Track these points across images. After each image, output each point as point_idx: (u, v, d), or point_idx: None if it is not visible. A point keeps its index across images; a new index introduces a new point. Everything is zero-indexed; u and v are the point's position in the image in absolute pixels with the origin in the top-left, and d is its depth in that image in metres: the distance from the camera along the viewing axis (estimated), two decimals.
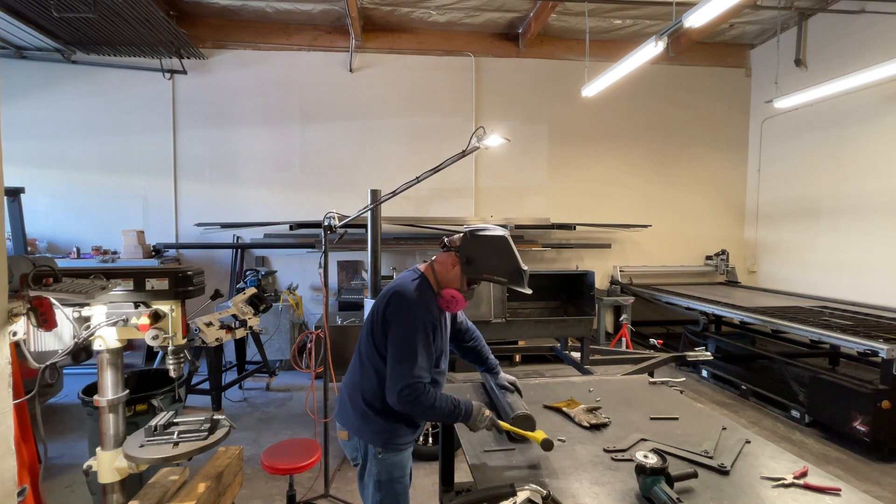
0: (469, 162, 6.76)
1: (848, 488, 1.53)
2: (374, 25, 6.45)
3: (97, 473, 1.96)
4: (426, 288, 1.88)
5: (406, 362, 1.73)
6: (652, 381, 2.58)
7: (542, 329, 4.55)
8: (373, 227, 4.29)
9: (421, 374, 1.73)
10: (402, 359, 1.74)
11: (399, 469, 1.90)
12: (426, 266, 1.98)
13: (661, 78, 7.07)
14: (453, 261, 1.89)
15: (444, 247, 1.95)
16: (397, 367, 1.74)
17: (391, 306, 1.82)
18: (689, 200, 7.38)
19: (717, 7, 3.33)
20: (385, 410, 1.83)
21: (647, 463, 1.48)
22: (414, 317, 1.79)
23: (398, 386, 1.71)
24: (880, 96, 5.39)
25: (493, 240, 1.88)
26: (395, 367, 1.74)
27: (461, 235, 1.92)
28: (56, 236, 6.19)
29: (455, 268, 1.89)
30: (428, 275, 1.93)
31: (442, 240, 1.97)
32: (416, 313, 1.79)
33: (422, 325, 1.78)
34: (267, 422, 4.43)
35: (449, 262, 1.90)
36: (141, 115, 6.28)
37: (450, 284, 1.90)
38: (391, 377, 1.74)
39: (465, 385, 2.53)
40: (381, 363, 1.82)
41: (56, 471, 3.42)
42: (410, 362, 1.73)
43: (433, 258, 1.99)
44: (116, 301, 1.92)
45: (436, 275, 1.93)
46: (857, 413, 3.74)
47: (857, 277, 5.71)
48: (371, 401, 1.86)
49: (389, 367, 1.76)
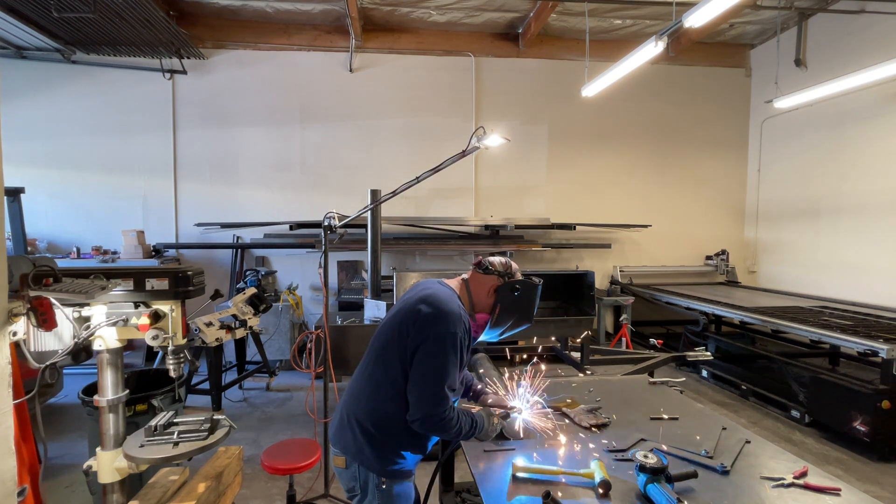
0: (469, 162, 6.76)
1: (848, 488, 1.53)
2: (374, 25, 6.45)
3: (97, 473, 1.96)
4: (463, 309, 1.71)
5: (439, 386, 1.58)
6: (652, 381, 2.59)
7: (542, 329, 4.55)
8: (373, 227, 4.30)
9: (449, 399, 1.61)
10: (437, 382, 1.58)
11: (405, 502, 1.72)
12: (459, 285, 1.83)
13: (661, 78, 7.07)
14: (491, 288, 1.77)
15: (483, 269, 1.81)
16: (429, 388, 1.58)
17: (430, 321, 1.61)
18: (688, 200, 7.38)
19: (717, 7, 3.33)
20: (393, 433, 1.65)
21: (647, 463, 1.48)
22: (454, 337, 1.61)
23: (426, 409, 1.58)
24: (880, 96, 5.39)
25: (531, 287, 1.81)
26: (426, 388, 1.59)
27: (502, 262, 1.82)
28: (56, 236, 6.19)
29: (491, 297, 1.77)
30: (462, 295, 1.79)
31: (480, 260, 1.84)
32: (457, 334, 1.61)
33: (458, 348, 1.62)
34: (267, 422, 4.43)
35: (488, 288, 1.78)
36: (141, 115, 6.28)
37: (483, 311, 1.78)
38: (422, 398, 1.59)
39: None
40: (402, 379, 1.63)
41: (56, 471, 3.42)
42: (441, 386, 1.58)
43: (465, 277, 1.86)
44: (116, 301, 1.92)
45: (471, 296, 1.80)
46: (857, 413, 3.74)
47: (857, 277, 5.71)
48: (378, 421, 1.65)
49: (419, 386, 1.60)
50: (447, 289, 1.78)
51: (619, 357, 4.60)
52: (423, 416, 1.58)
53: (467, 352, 1.74)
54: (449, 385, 1.60)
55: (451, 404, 1.63)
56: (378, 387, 1.68)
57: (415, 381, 1.60)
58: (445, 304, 1.65)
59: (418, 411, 1.59)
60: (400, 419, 1.63)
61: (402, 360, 1.63)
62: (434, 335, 1.60)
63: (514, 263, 1.85)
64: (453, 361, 1.61)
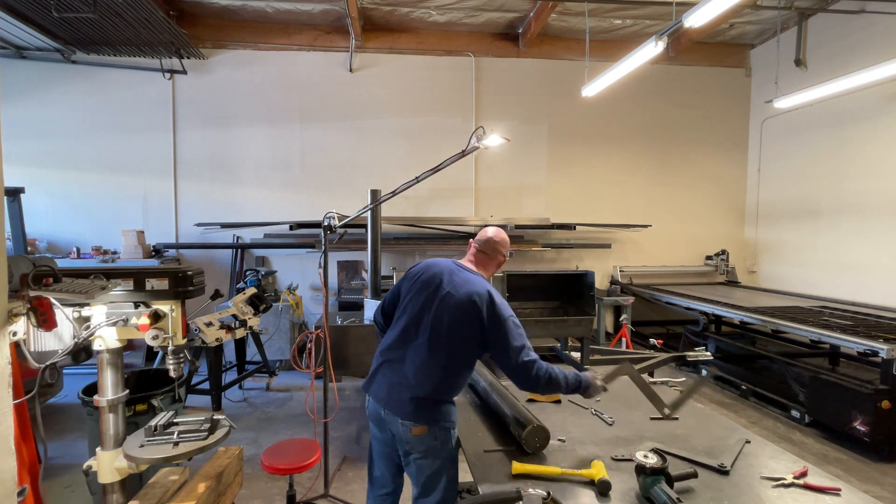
0: (469, 162, 6.76)
1: (848, 488, 1.53)
2: (374, 25, 6.45)
3: (97, 473, 1.95)
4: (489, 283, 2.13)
5: (527, 348, 1.91)
6: (652, 381, 2.58)
7: (542, 329, 4.55)
8: (373, 227, 4.30)
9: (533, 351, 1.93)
10: (524, 346, 1.90)
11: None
12: (475, 265, 2.21)
13: (661, 78, 7.07)
14: (497, 264, 2.24)
15: (483, 252, 2.21)
16: (523, 351, 1.89)
17: (495, 307, 1.96)
18: (689, 200, 7.38)
19: (717, 7, 3.33)
20: (456, 393, 2.04)
21: (647, 463, 1.48)
22: (510, 310, 2.00)
23: (530, 369, 1.87)
24: (880, 96, 5.39)
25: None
26: (520, 353, 1.89)
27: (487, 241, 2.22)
28: (56, 236, 6.19)
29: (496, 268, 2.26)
30: (482, 272, 2.19)
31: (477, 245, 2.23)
32: (509, 307, 2.01)
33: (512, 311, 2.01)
34: (267, 422, 4.43)
35: (497, 263, 2.24)
36: (141, 115, 6.28)
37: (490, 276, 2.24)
38: (520, 362, 1.88)
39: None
40: (476, 356, 2.03)
41: (56, 471, 3.42)
42: (528, 347, 1.92)
43: (472, 260, 2.23)
44: (116, 301, 1.92)
45: (486, 271, 2.22)
46: (857, 413, 3.74)
47: (857, 277, 5.70)
48: (452, 390, 2.00)
49: (512, 355, 1.89)
50: (478, 275, 2.13)
51: (619, 357, 4.59)
52: (532, 376, 1.87)
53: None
54: (530, 346, 1.94)
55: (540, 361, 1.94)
56: (454, 367, 1.98)
57: (510, 353, 1.89)
58: (498, 294, 2.03)
59: (523, 374, 1.89)
60: (463, 383, 2.06)
61: (480, 344, 1.97)
62: (505, 317, 1.94)
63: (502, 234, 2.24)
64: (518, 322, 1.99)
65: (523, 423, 1.88)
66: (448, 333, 1.97)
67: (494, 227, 2.27)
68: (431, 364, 1.96)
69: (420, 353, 1.98)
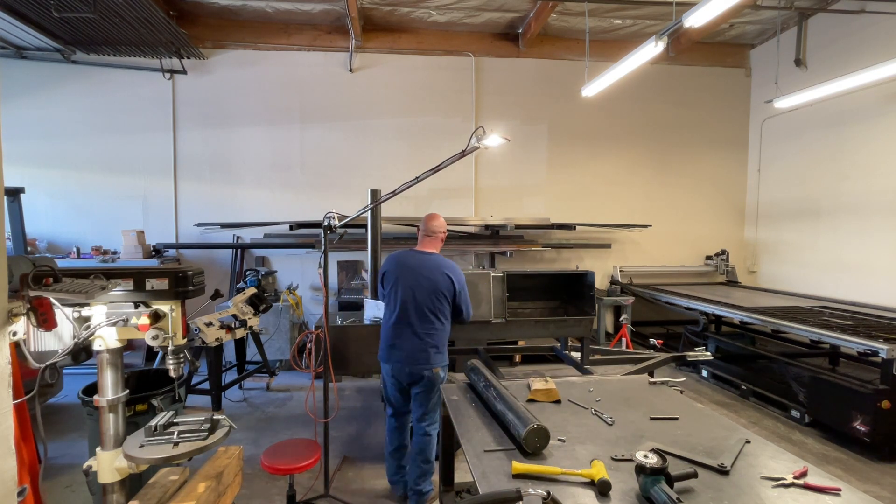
0: (469, 162, 6.76)
1: (848, 488, 1.53)
2: (374, 25, 6.45)
3: (97, 473, 1.96)
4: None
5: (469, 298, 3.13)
6: (652, 381, 2.58)
7: (542, 329, 4.53)
8: (373, 227, 4.29)
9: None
10: (468, 296, 3.12)
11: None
12: (433, 247, 3.19)
13: (661, 78, 7.07)
14: (441, 242, 3.25)
15: (428, 235, 3.18)
16: (468, 299, 3.10)
17: (457, 275, 3.04)
18: (689, 200, 7.38)
19: (717, 7, 3.33)
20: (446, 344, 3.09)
21: (647, 463, 1.48)
22: (464, 275, 3.14)
23: (471, 309, 3.13)
24: (880, 96, 5.39)
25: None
26: (468, 300, 3.10)
27: (427, 227, 3.21)
28: (56, 236, 6.19)
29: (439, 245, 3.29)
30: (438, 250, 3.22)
31: (424, 232, 3.20)
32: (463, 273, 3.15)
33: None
34: (267, 422, 4.43)
35: (440, 242, 3.24)
36: (141, 115, 6.28)
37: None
38: (469, 305, 3.10)
39: (451, 385, 2.50)
40: (449, 310, 3.02)
41: (56, 471, 3.42)
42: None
43: (426, 244, 3.18)
44: (116, 301, 1.92)
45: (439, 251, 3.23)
46: (857, 413, 3.74)
47: (857, 277, 5.71)
48: (443, 340, 3.02)
49: (464, 302, 3.06)
50: (435, 255, 3.13)
51: (619, 357, 4.60)
52: (470, 312, 3.12)
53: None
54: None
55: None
56: (443, 323, 3.01)
57: (463, 301, 3.05)
58: (448, 262, 3.09)
59: (467, 311, 3.10)
60: (450, 330, 3.10)
61: (450, 301, 3.02)
62: (461, 278, 3.07)
63: (436, 217, 3.23)
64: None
65: (523, 423, 1.88)
66: (435, 299, 2.95)
67: (429, 214, 3.20)
68: (432, 324, 2.94)
69: (422, 318, 2.93)
